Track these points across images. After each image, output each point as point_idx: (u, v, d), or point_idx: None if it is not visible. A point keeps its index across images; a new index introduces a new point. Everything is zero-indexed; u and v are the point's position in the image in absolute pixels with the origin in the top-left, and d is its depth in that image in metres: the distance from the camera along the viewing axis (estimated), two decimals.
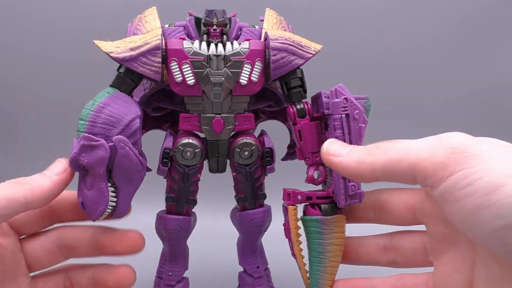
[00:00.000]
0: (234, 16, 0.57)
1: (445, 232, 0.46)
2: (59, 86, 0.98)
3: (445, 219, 0.43)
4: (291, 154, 0.61)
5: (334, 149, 0.47)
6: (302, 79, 0.53)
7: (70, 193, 0.51)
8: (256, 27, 0.57)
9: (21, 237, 0.51)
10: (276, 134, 0.62)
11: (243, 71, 0.50)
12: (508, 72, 1.07)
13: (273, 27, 0.57)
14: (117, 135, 0.48)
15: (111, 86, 0.50)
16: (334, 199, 0.52)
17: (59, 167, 0.49)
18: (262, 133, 0.56)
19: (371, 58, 1.05)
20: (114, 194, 0.49)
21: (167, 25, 0.55)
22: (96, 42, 0.50)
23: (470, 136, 0.39)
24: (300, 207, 0.54)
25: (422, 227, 0.50)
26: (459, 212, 0.37)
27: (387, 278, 0.51)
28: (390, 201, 0.51)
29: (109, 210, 0.49)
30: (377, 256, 0.52)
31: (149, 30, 0.54)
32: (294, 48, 0.51)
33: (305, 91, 0.53)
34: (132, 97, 0.54)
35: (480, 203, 0.35)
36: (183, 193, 0.53)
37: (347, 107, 0.51)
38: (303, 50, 0.52)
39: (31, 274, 0.51)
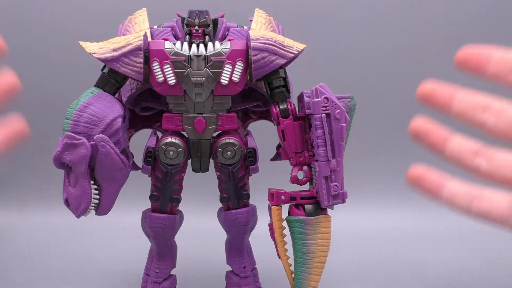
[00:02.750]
0: (222, 16, 0.57)
1: None
2: (52, 85, 1.01)
3: None
4: (280, 154, 0.61)
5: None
6: (285, 79, 0.53)
7: None
8: (245, 27, 0.57)
9: None
10: (267, 134, 0.62)
11: (224, 71, 0.51)
12: None
13: (261, 27, 0.57)
14: (99, 134, 0.49)
15: (95, 86, 0.52)
16: (318, 199, 0.52)
17: None
18: (247, 133, 0.56)
19: (369, 58, 1.05)
20: (97, 192, 0.50)
21: (156, 26, 0.56)
22: (81, 43, 0.52)
23: None
24: (286, 208, 0.54)
25: None
26: None
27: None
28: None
29: (92, 207, 0.51)
30: (465, 155, 0.44)
31: (138, 31, 0.55)
32: (275, 48, 0.51)
33: (288, 91, 0.53)
34: (119, 96, 0.56)
35: None
36: (167, 192, 0.54)
37: (327, 106, 0.50)
38: (285, 50, 0.52)
39: None
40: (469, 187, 0.47)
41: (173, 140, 0.52)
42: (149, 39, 0.53)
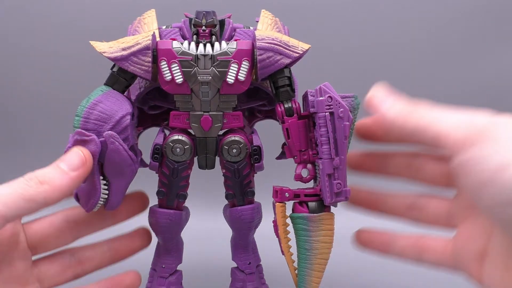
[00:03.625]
0: (229, 17, 0.58)
1: (471, 200, 0.49)
2: (58, 84, 1.03)
3: None
4: (285, 152, 0.62)
5: (376, 101, 0.49)
6: (290, 78, 0.54)
7: None
8: (251, 28, 0.59)
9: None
10: (272, 133, 0.63)
11: (230, 71, 0.52)
12: (509, 72, 1.05)
13: (267, 28, 0.58)
14: (108, 131, 0.50)
15: (105, 84, 0.53)
16: (321, 196, 0.53)
17: (77, 160, 0.48)
18: (252, 132, 0.57)
19: (372, 59, 1.07)
20: (106, 187, 0.52)
21: (164, 27, 0.58)
22: (92, 42, 0.53)
23: (495, 117, 0.43)
24: (290, 205, 0.55)
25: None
26: (468, 184, 0.42)
27: (409, 236, 0.54)
28: (427, 164, 0.53)
29: (101, 203, 0.52)
30: (402, 211, 0.55)
31: (146, 31, 0.56)
32: (280, 47, 0.52)
33: (293, 90, 0.54)
34: (128, 95, 0.57)
35: (487, 178, 0.39)
36: (173, 188, 0.55)
37: (331, 105, 0.51)
38: (290, 50, 0.53)
39: (36, 257, 0.52)
40: (415, 239, 0.53)
41: (179, 137, 0.54)
42: (158, 39, 0.54)
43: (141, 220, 0.59)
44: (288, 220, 0.55)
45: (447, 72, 1.06)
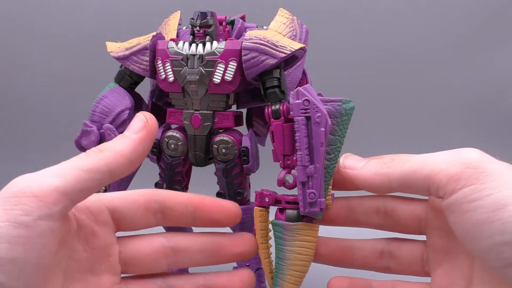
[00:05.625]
0: (242, 17, 0.59)
1: (445, 244, 0.47)
2: (60, 83, 1.09)
3: (447, 231, 0.45)
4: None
5: (350, 162, 0.49)
6: (279, 80, 0.52)
7: (182, 194, 0.48)
8: (265, 27, 0.58)
9: (119, 231, 0.46)
10: None
11: (217, 70, 0.52)
12: (507, 72, 1.02)
13: (280, 26, 0.56)
14: (108, 123, 0.55)
15: (114, 81, 0.58)
16: (299, 205, 0.50)
17: (138, 124, 0.43)
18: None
19: (371, 61, 1.07)
20: None
21: (185, 27, 0.61)
22: (107, 43, 0.59)
23: (485, 154, 0.42)
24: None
25: (422, 237, 0.50)
26: (463, 223, 0.40)
27: (384, 281, 0.51)
28: (398, 208, 0.50)
29: (103, 187, 0.57)
30: (372, 260, 0.52)
31: (167, 32, 0.60)
32: (266, 47, 0.51)
33: (282, 92, 0.52)
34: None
35: (485, 218, 0.38)
36: (169, 182, 0.57)
37: (308, 109, 0.48)
38: (276, 50, 0.51)
39: (125, 275, 0.47)
40: (391, 284, 0.50)
41: (174, 133, 0.56)
42: (167, 38, 0.57)
43: None
44: (271, 226, 0.53)
45: (447, 72, 1.06)
